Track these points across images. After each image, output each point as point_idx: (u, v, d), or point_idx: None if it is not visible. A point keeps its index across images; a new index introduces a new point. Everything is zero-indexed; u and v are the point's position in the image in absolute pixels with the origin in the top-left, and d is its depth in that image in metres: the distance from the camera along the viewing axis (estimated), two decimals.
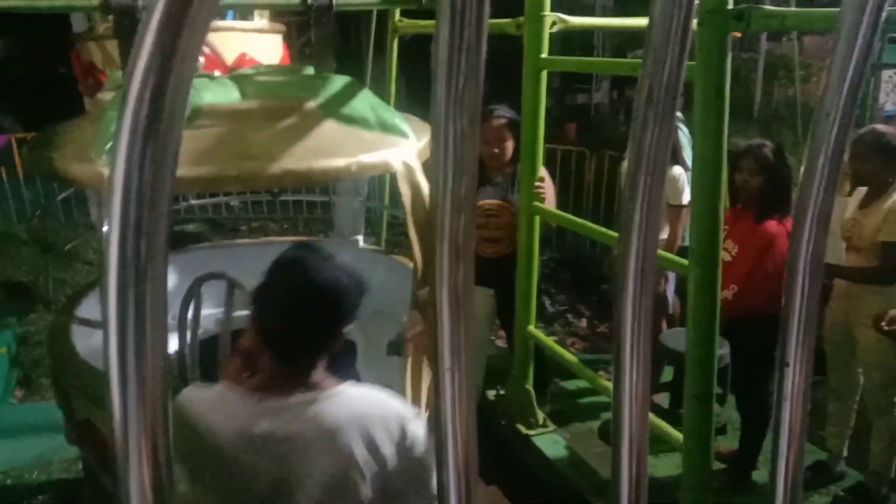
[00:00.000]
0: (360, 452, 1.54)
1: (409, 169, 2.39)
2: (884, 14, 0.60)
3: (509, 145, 3.75)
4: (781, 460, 0.65)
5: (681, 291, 4.22)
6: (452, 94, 0.45)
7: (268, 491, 1.53)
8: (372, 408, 1.61)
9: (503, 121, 3.70)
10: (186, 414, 1.55)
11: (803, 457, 0.67)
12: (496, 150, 3.74)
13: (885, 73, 6.54)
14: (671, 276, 4.35)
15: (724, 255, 3.36)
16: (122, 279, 0.38)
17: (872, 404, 3.48)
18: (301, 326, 1.55)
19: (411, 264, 3.46)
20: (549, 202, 3.81)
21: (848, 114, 0.62)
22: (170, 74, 0.35)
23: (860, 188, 3.48)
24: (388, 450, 1.58)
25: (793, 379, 0.61)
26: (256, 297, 1.60)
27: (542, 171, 3.86)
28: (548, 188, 3.84)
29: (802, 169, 0.65)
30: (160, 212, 0.38)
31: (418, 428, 1.63)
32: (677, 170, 4.12)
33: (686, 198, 4.15)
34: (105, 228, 0.39)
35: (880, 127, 3.50)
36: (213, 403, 1.58)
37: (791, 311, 0.60)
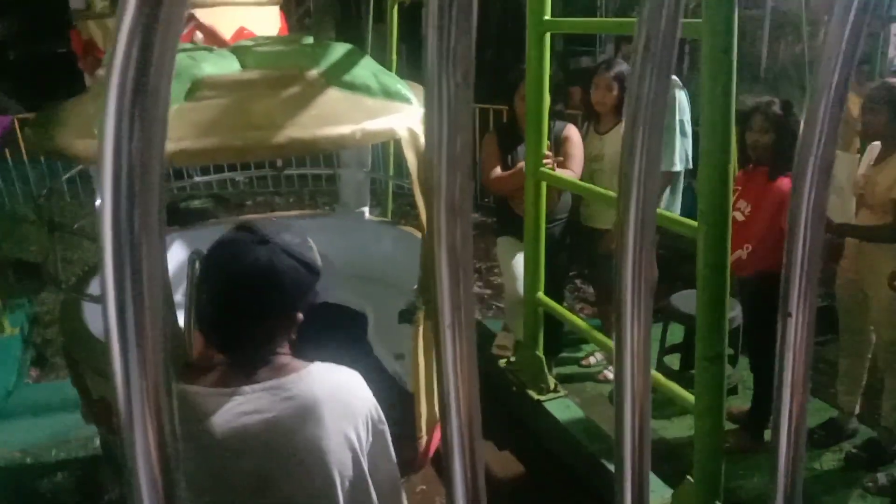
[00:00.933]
0: (346, 428, 1.47)
1: (413, 135, 2.38)
2: None
3: (615, 95, 3.94)
4: (784, 412, 0.65)
5: None
6: (445, 50, 0.45)
7: (249, 485, 1.43)
8: (345, 384, 1.54)
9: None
10: None
11: (806, 409, 0.67)
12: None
13: (895, 27, 6.43)
14: None
15: (737, 216, 3.37)
16: (118, 252, 0.38)
17: (884, 362, 3.49)
18: (237, 316, 1.44)
19: (418, 234, 3.46)
20: (576, 162, 3.85)
21: (849, 61, 0.61)
22: (154, 44, 0.35)
23: (873, 144, 3.44)
24: (368, 427, 1.52)
25: (795, 329, 0.61)
26: (196, 289, 1.52)
27: (572, 130, 3.91)
28: (575, 146, 3.88)
29: (803, 119, 0.64)
30: (152, 182, 0.37)
31: (381, 413, 1.56)
32: None
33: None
34: (97, 202, 0.39)
35: (892, 80, 3.46)
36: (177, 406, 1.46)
37: (793, 262, 0.60)
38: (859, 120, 3.50)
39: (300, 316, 1.49)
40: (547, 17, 3.20)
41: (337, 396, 1.48)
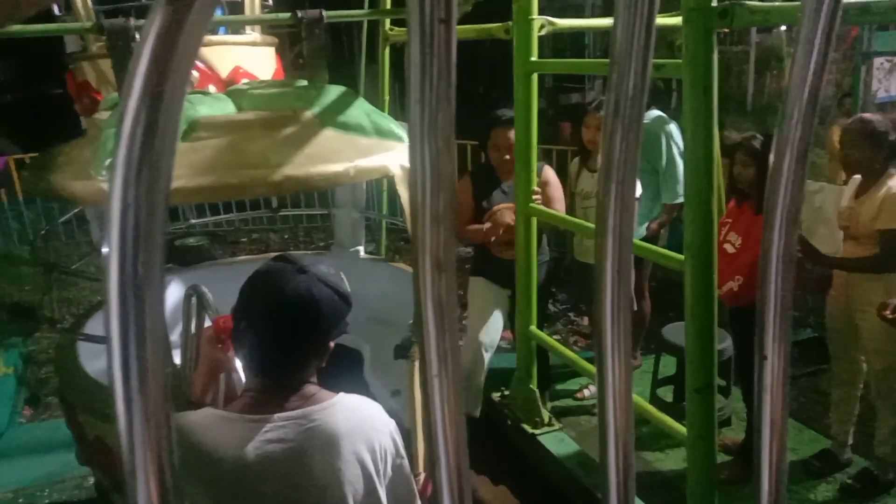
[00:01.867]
0: (365, 460, 1.52)
1: (406, 172, 2.42)
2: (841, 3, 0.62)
3: None
4: (765, 453, 0.67)
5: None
6: (426, 116, 0.48)
7: None
8: (368, 418, 1.59)
9: (512, 127, 3.60)
10: (180, 443, 1.46)
11: (785, 449, 0.69)
12: (507, 157, 3.74)
13: (877, 61, 6.56)
14: None
15: (727, 248, 3.46)
16: (122, 296, 0.41)
17: (876, 390, 3.50)
18: (280, 343, 1.50)
19: (411, 271, 3.49)
20: (559, 203, 3.87)
21: (812, 108, 0.64)
22: (164, 89, 0.38)
23: (854, 177, 3.51)
24: (387, 460, 1.57)
25: (772, 371, 0.64)
26: (234, 317, 1.55)
27: (549, 173, 3.91)
28: (555, 188, 3.90)
29: (771, 166, 0.67)
30: (156, 225, 0.40)
31: (400, 447, 1.63)
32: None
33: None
34: (105, 249, 0.42)
35: (867, 116, 3.54)
36: (205, 430, 1.49)
37: (766, 304, 0.63)
38: (840, 153, 3.57)
39: (332, 345, 1.56)
40: (533, 59, 3.27)
41: (359, 430, 1.54)
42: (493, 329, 3.98)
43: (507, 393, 3.99)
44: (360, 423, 1.56)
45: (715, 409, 2.62)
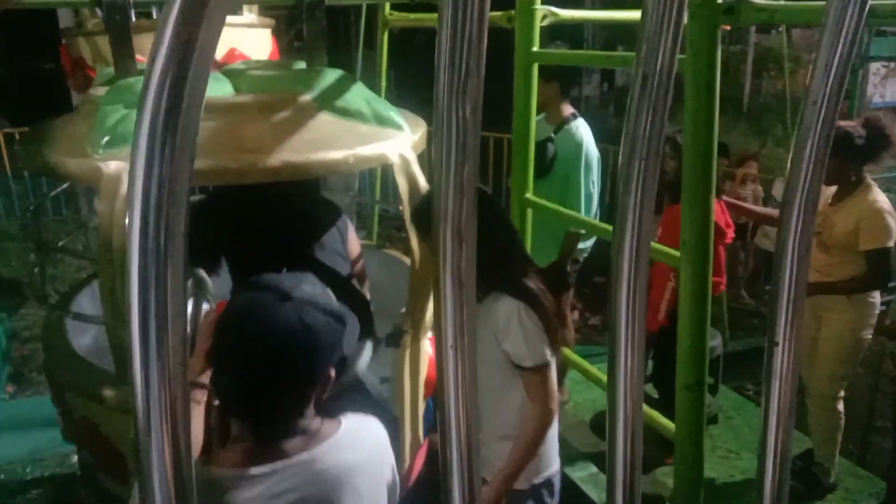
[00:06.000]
0: (375, 489, 1.44)
1: (405, 161, 2.40)
2: (867, 6, 0.62)
3: None
4: (771, 438, 0.67)
5: None
6: (455, 85, 0.47)
7: None
8: (374, 445, 1.49)
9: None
10: None
11: (791, 435, 0.69)
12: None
13: (873, 66, 6.60)
14: None
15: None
16: (144, 266, 0.40)
17: (816, 395, 3.53)
18: (275, 387, 1.30)
19: (403, 258, 3.48)
20: None
21: (834, 103, 0.64)
22: (189, 67, 0.37)
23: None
24: (387, 488, 1.51)
25: (782, 358, 0.64)
26: (212, 363, 1.36)
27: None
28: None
29: (790, 157, 0.67)
30: (180, 201, 0.39)
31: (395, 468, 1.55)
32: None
33: None
34: (126, 220, 0.41)
35: (841, 123, 3.56)
36: (206, 493, 1.28)
37: (780, 292, 0.63)
38: None
39: (333, 373, 1.38)
40: (535, 49, 3.25)
41: (369, 461, 1.43)
42: None
43: None
44: (368, 454, 1.44)
45: (704, 406, 2.62)
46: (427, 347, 2.71)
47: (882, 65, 6.53)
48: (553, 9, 3.18)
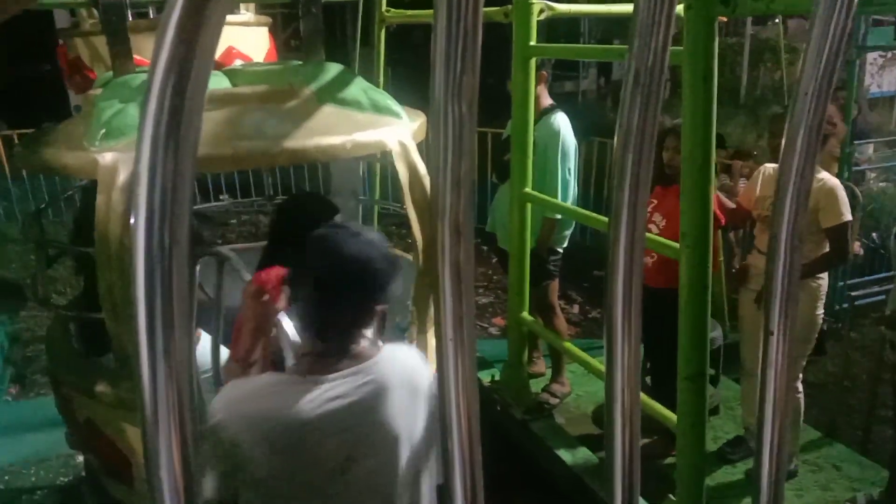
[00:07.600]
0: (415, 405, 1.64)
1: (404, 148, 2.40)
2: None
3: None
4: (767, 426, 0.68)
5: None
6: (451, 81, 0.48)
7: (335, 463, 1.57)
8: (414, 366, 1.70)
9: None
10: (241, 409, 1.55)
11: (787, 424, 0.70)
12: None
13: (870, 56, 6.59)
14: None
15: (652, 228, 3.59)
16: (149, 267, 0.40)
17: (751, 366, 3.61)
18: (340, 306, 1.56)
19: (405, 256, 3.49)
20: None
21: (825, 94, 0.65)
22: (191, 67, 0.38)
23: (767, 165, 3.66)
24: (430, 402, 1.66)
25: (776, 347, 0.64)
26: (292, 281, 1.64)
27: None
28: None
29: (783, 145, 0.68)
30: (184, 200, 0.40)
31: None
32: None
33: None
34: (132, 219, 0.41)
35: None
36: (269, 394, 1.57)
37: (774, 280, 0.63)
38: (768, 144, 3.70)
39: (385, 308, 1.62)
40: (532, 43, 3.26)
41: (406, 379, 1.65)
42: None
43: (497, 378, 4.00)
44: (408, 373, 1.66)
45: (707, 397, 2.63)
46: (432, 340, 2.72)
47: (879, 54, 6.53)
48: (549, 3, 3.18)
